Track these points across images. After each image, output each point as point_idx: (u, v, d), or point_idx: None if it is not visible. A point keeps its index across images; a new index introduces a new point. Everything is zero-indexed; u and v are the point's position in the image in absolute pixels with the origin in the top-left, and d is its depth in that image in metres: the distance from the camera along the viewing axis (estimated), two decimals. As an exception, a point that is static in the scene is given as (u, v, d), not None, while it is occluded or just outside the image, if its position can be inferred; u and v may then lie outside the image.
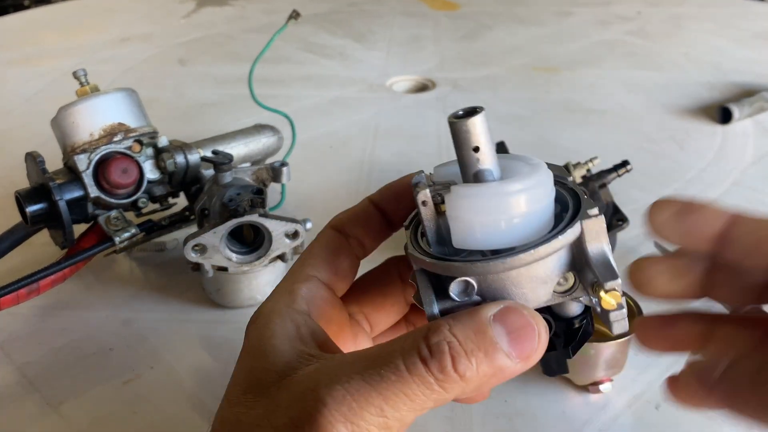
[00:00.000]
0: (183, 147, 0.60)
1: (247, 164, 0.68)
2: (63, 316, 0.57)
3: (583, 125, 0.93)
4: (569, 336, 0.30)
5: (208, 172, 0.60)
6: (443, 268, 0.27)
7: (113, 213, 0.57)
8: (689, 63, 1.16)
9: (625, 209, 0.59)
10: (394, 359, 0.25)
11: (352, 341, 0.34)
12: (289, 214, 0.57)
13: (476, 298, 0.27)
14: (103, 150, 0.56)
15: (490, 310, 0.25)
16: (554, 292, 0.28)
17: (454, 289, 0.27)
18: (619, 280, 0.26)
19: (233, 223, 0.52)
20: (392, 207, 0.34)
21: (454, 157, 0.30)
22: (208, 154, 0.59)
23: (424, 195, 0.28)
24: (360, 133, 0.91)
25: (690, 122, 0.93)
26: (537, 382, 0.50)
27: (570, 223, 0.27)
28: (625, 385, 0.49)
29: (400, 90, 1.09)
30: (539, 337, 0.25)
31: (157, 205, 0.62)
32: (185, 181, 0.61)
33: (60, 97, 0.60)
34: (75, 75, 0.58)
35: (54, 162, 0.58)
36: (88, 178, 0.55)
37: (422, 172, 0.29)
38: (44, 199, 0.55)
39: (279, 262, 0.56)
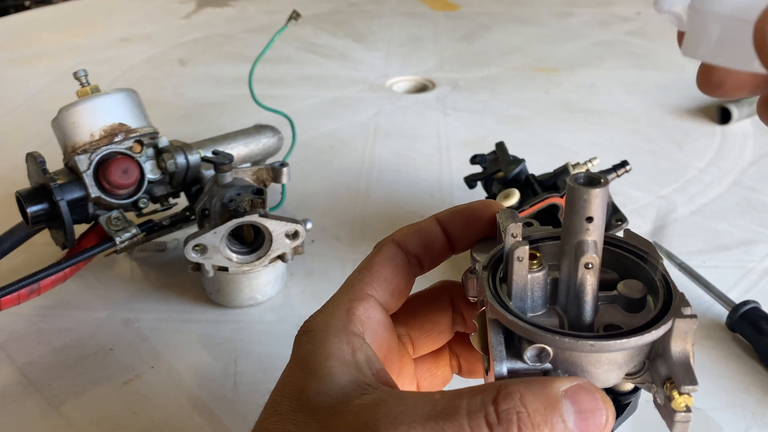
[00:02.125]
0: (183, 147, 0.60)
1: (248, 164, 0.68)
2: (64, 316, 0.57)
3: (582, 125, 0.93)
4: (624, 406, 0.30)
5: (209, 172, 0.61)
6: (526, 331, 0.26)
7: (114, 213, 0.57)
8: (688, 63, 1.16)
9: (625, 209, 0.59)
10: (459, 417, 0.24)
11: (398, 363, 0.34)
12: (290, 214, 0.57)
13: (547, 365, 0.26)
14: (104, 150, 0.56)
15: (563, 385, 0.25)
16: (627, 374, 0.28)
17: (529, 353, 0.26)
18: (698, 387, 0.26)
19: (234, 223, 0.52)
20: (459, 231, 0.33)
21: (455, 156, 0.30)
22: (209, 154, 0.59)
23: (523, 252, 0.27)
24: (360, 133, 0.91)
25: (689, 122, 0.93)
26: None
27: (663, 318, 0.26)
28: (624, 385, 0.49)
29: (400, 90, 1.09)
30: (606, 424, 0.25)
31: (157, 206, 0.62)
32: (186, 181, 0.61)
33: (60, 98, 0.60)
34: (75, 75, 0.58)
35: (54, 162, 0.58)
36: (88, 179, 0.55)
37: (508, 212, 0.29)
38: (45, 199, 0.55)
39: (279, 262, 0.57)
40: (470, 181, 0.62)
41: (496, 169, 0.60)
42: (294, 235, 0.54)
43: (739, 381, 0.50)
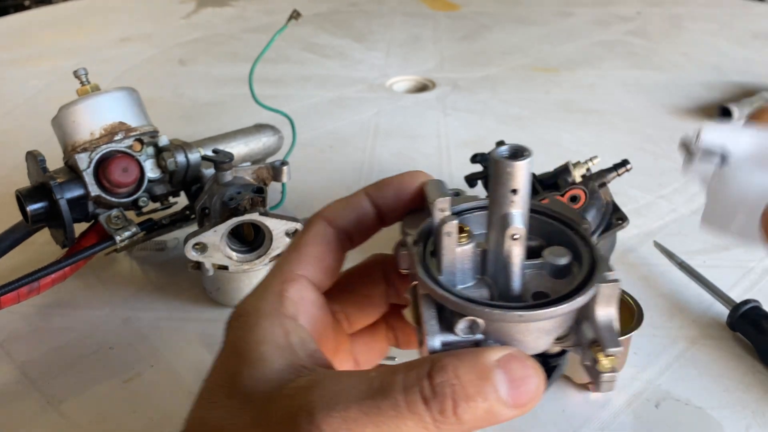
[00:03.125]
0: (183, 146, 0.60)
1: (248, 163, 0.68)
2: (63, 315, 0.57)
3: (582, 125, 0.93)
4: (553, 369, 0.31)
5: (209, 171, 0.60)
6: (457, 305, 0.27)
7: (114, 212, 0.57)
8: (689, 63, 1.16)
9: (625, 209, 0.59)
10: (394, 393, 0.24)
11: (334, 342, 0.34)
12: (290, 213, 0.57)
13: (479, 336, 0.27)
14: (104, 149, 0.56)
15: (495, 354, 0.25)
16: (555, 339, 0.28)
17: (460, 326, 0.26)
18: (621, 348, 0.27)
19: (234, 221, 0.52)
20: (388, 203, 0.33)
21: (455, 156, 0.30)
22: (209, 153, 0.59)
23: (451, 227, 0.27)
24: (360, 133, 0.91)
25: (690, 122, 0.93)
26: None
27: (586, 284, 0.27)
28: (624, 384, 0.49)
29: (400, 90, 1.09)
30: (537, 389, 0.26)
31: (157, 204, 0.62)
32: (186, 180, 0.61)
33: (60, 97, 0.60)
34: (76, 74, 0.58)
35: (55, 161, 0.58)
36: (88, 177, 0.55)
37: (433, 180, 0.30)
38: (45, 198, 0.55)
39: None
40: (471, 180, 0.62)
41: (497, 168, 0.60)
42: (294, 234, 0.54)
43: (739, 380, 0.50)
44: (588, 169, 0.60)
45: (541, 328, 0.27)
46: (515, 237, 0.27)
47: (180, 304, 0.58)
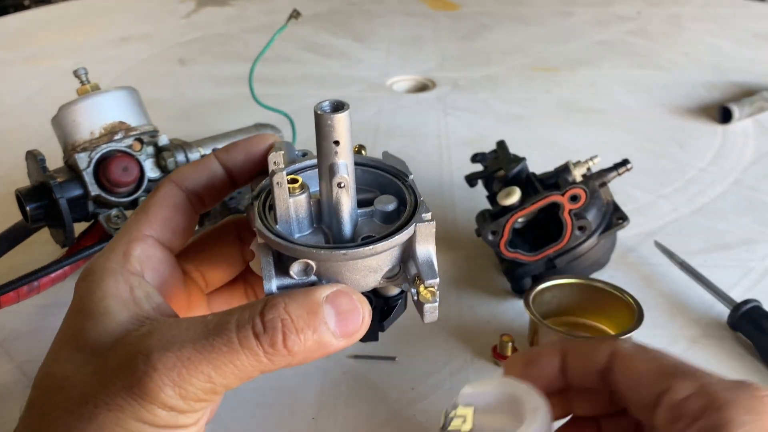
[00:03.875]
0: (183, 146, 0.60)
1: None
2: (63, 315, 0.57)
3: (583, 125, 0.93)
4: (385, 312, 0.34)
5: (209, 170, 0.60)
6: (288, 249, 0.29)
7: (114, 211, 0.57)
8: (689, 63, 1.16)
9: (625, 208, 0.59)
10: (228, 331, 0.26)
11: (186, 299, 0.35)
12: (290, 213, 0.57)
13: (313, 278, 0.29)
14: (104, 148, 0.56)
15: (324, 291, 0.28)
16: (383, 277, 0.31)
17: (294, 269, 0.29)
18: (438, 280, 0.30)
19: (234, 221, 0.52)
20: (238, 166, 0.34)
21: (455, 155, 0.31)
22: (209, 152, 0.59)
23: (281, 177, 0.29)
24: (360, 133, 0.91)
25: (690, 122, 0.93)
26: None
27: (406, 225, 0.30)
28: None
29: (400, 89, 1.09)
30: (363, 320, 0.28)
31: (157, 204, 0.62)
32: (186, 179, 0.61)
33: (60, 97, 0.60)
34: (76, 74, 0.58)
35: (54, 161, 0.58)
36: (88, 177, 0.55)
37: (277, 135, 0.32)
38: (45, 197, 0.55)
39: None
40: (471, 180, 0.62)
41: (497, 167, 0.60)
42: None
43: (740, 380, 0.49)
44: (588, 169, 0.60)
45: (367, 266, 0.30)
46: (341, 185, 0.30)
47: (180, 304, 0.58)
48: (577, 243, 0.55)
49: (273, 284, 0.29)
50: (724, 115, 0.92)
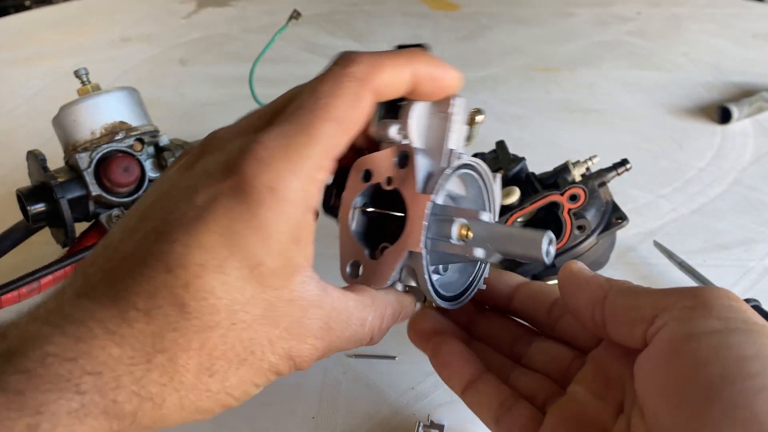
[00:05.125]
0: (184, 146, 0.60)
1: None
2: (64, 315, 0.57)
3: (582, 125, 0.93)
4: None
5: (209, 170, 0.61)
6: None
7: (115, 211, 0.57)
8: (689, 63, 1.16)
9: (625, 208, 0.59)
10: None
11: None
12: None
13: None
14: (105, 148, 0.56)
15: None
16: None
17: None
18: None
19: (234, 221, 0.52)
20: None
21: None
22: (209, 152, 0.59)
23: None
24: (360, 133, 0.91)
25: (689, 122, 0.93)
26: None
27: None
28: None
29: (400, 90, 1.09)
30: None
31: (158, 204, 0.62)
32: (186, 179, 0.61)
33: (61, 97, 0.60)
34: (76, 74, 0.58)
35: (55, 161, 0.58)
36: (89, 177, 0.55)
37: None
38: (46, 197, 0.55)
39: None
40: (470, 180, 0.62)
41: (497, 167, 0.60)
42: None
43: (739, 379, 0.50)
44: (588, 169, 0.60)
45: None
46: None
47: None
48: (576, 242, 0.55)
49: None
50: (724, 116, 0.92)
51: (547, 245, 0.31)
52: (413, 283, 0.33)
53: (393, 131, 0.32)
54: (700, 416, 0.24)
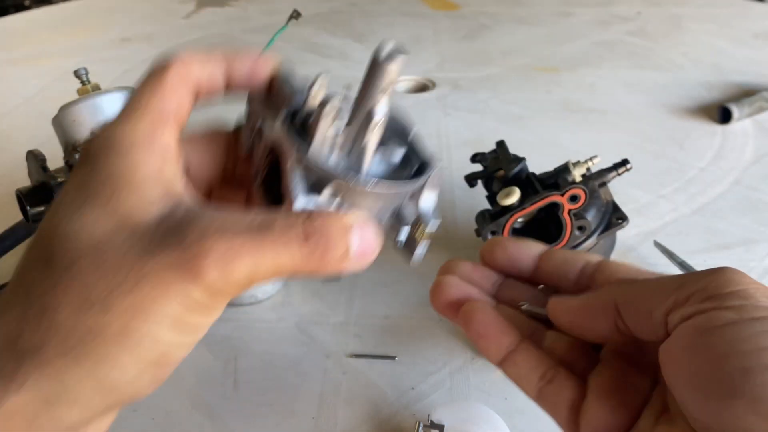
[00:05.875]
0: (184, 146, 0.60)
1: (248, 163, 0.68)
2: (64, 315, 0.57)
3: (582, 125, 0.93)
4: None
5: (209, 170, 0.61)
6: (326, 173, 0.30)
7: (114, 211, 0.57)
8: (689, 63, 1.16)
9: (625, 208, 0.59)
10: (274, 232, 0.28)
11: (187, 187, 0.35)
12: (290, 213, 0.57)
13: (338, 200, 0.31)
14: (104, 149, 0.56)
15: (353, 219, 0.30)
16: (389, 216, 0.34)
17: (327, 191, 0.31)
18: (440, 221, 0.33)
19: (234, 221, 0.52)
20: (241, 72, 0.35)
21: (455, 155, 0.31)
22: (209, 152, 0.59)
23: (333, 108, 0.31)
24: (360, 133, 0.91)
25: (690, 122, 0.93)
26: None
27: (426, 169, 0.33)
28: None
29: (400, 90, 1.09)
30: (376, 248, 0.30)
31: (157, 204, 0.62)
32: (186, 179, 0.61)
33: (61, 97, 0.60)
34: (76, 74, 0.58)
35: (55, 161, 0.58)
36: (89, 177, 0.55)
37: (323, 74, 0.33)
38: (45, 197, 0.55)
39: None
40: (471, 180, 0.62)
41: (497, 167, 0.60)
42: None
43: (739, 379, 0.50)
44: (588, 169, 0.60)
45: (386, 202, 0.32)
46: (376, 128, 0.32)
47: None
48: (576, 243, 0.55)
49: (302, 204, 0.30)
50: (724, 115, 0.92)
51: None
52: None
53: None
54: (724, 410, 0.24)
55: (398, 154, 0.34)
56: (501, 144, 0.63)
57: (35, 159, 0.56)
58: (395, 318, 0.57)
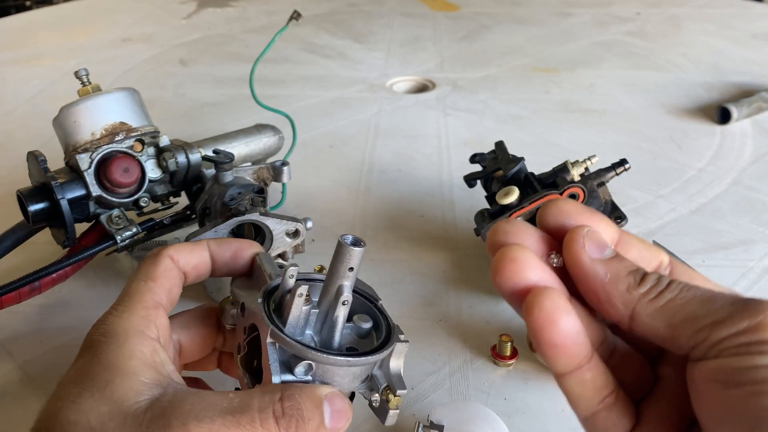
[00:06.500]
0: (184, 146, 0.60)
1: (248, 163, 0.68)
2: (64, 315, 0.57)
3: (582, 125, 0.93)
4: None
5: (210, 171, 0.61)
6: (300, 350, 0.34)
7: (115, 212, 0.57)
8: (688, 63, 1.16)
9: (624, 208, 0.59)
10: (251, 412, 0.31)
11: (178, 365, 0.40)
12: (290, 213, 0.57)
13: (309, 378, 0.34)
14: (105, 149, 0.56)
15: (324, 390, 0.33)
16: (358, 386, 0.36)
17: (300, 369, 0.33)
18: (406, 391, 0.36)
19: (234, 221, 0.52)
20: (223, 260, 0.40)
21: (455, 156, 0.32)
22: (210, 153, 0.59)
23: (304, 290, 0.34)
24: (360, 133, 0.91)
25: (689, 122, 0.93)
26: (536, 379, 0.50)
27: (388, 342, 0.36)
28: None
29: (400, 90, 1.09)
30: (349, 420, 0.33)
31: (158, 204, 0.62)
32: (186, 180, 0.61)
33: (61, 97, 0.60)
34: (77, 74, 0.58)
35: (56, 161, 0.59)
36: (89, 177, 0.56)
37: (294, 266, 0.36)
38: (46, 198, 0.55)
39: (280, 261, 0.57)
40: (470, 180, 0.62)
41: (496, 167, 0.60)
42: (294, 234, 0.54)
43: (738, 379, 0.50)
44: (586, 168, 0.60)
45: (354, 373, 0.35)
46: (345, 303, 0.35)
47: (181, 304, 0.58)
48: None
49: (279, 378, 0.34)
50: (723, 116, 0.92)
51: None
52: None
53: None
54: None
55: (366, 324, 0.38)
56: (500, 144, 0.64)
57: (36, 159, 0.56)
58: (395, 318, 0.56)
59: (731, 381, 0.25)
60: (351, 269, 0.35)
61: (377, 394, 0.37)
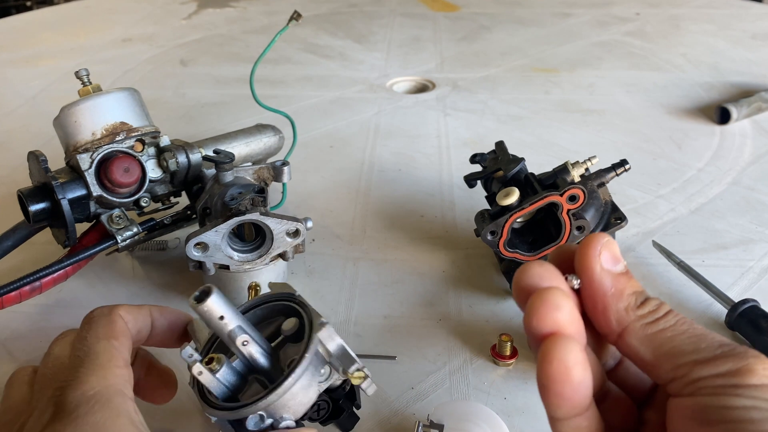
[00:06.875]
0: (185, 146, 0.60)
1: (249, 163, 0.68)
2: (65, 315, 0.58)
3: (581, 125, 0.94)
4: (350, 393, 0.40)
5: (210, 171, 0.61)
6: (239, 413, 0.35)
7: (115, 212, 0.58)
8: (688, 63, 1.16)
9: (624, 208, 0.59)
10: None
11: None
12: (290, 213, 0.58)
13: (269, 421, 0.35)
14: (106, 149, 0.56)
15: None
16: (320, 383, 0.37)
17: (251, 423, 0.34)
18: (357, 364, 0.36)
19: (235, 221, 0.52)
20: (162, 328, 0.42)
21: (455, 156, 0.32)
22: (210, 153, 0.59)
23: (198, 368, 0.36)
24: (360, 133, 0.91)
25: (688, 122, 0.94)
26: (536, 379, 0.50)
27: (310, 339, 0.36)
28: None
29: (400, 90, 1.09)
30: None
31: (159, 204, 0.62)
32: (187, 180, 0.61)
33: (62, 97, 0.60)
34: (77, 75, 0.58)
35: (56, 161, 0.59)
36: (90, 177, 0.56)
37: (187, 346, 0.37)
38: (47, 197, 0.55)
39: (280, 261, 0.57)
40: (470, 180, 0.62)
41: (496, 168, 0.60)
42: (295, 234, 0.54)
43: (737, 379, 0.50)
44: (587, 169, 0.60)
45: (301, 386, 0.35)
46: (245, 343, 0.36)
47: (181, 304, 0.59)
48: (575, 243, 0.55)
49: None
50: (722, 116, 0.92)
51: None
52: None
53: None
54: None
55: (290, 327, 0.38)
56: (500, 144, 0.64)
57: (36, 159, 0.56)
58: (395, 318, 0.57)
59: (706, 419, 0.26)
60: (221, 318, 0.35)
61: (343, 378, 0.37)
